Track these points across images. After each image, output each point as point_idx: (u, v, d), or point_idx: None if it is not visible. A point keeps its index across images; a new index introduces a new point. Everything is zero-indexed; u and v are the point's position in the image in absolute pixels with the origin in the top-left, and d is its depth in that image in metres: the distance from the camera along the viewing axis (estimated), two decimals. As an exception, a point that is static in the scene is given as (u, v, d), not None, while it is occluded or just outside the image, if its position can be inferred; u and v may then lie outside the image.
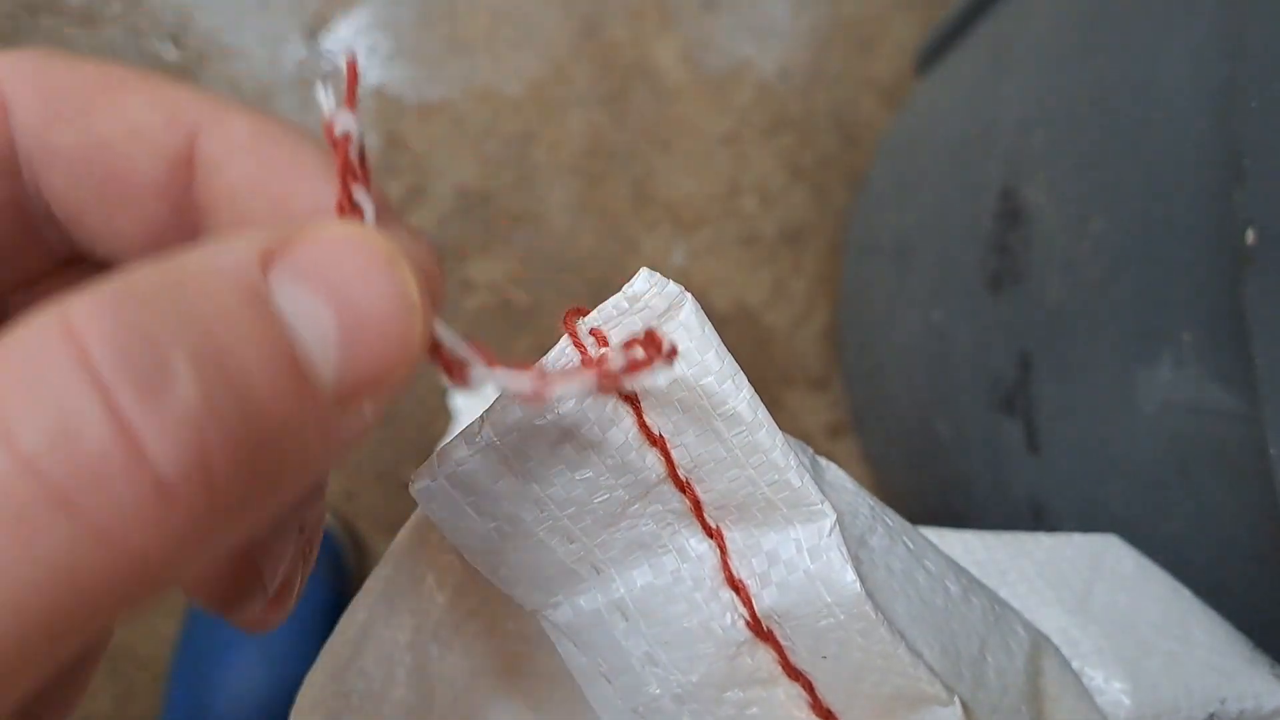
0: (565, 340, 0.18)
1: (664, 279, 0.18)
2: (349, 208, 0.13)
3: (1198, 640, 0.29)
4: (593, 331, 0.18)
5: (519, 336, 0.79)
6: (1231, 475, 0.31)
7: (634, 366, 0.15)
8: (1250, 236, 0.27)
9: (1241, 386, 0.30)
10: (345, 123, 0.13)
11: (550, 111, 0.80)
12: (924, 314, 0.55)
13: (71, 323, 0.10)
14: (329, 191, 0.14)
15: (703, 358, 0.18)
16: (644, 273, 0.18)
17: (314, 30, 0.79)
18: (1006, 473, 0.46)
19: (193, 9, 0.77)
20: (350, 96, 0.14)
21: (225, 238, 0.12)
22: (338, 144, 0.13)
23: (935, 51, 0.70)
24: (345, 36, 0.79)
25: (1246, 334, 0.28)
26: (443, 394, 0.79)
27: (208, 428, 0.10)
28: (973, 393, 0.48)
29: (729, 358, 0.18)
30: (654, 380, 0.16)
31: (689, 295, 0.18)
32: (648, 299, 0.18)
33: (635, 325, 0.18)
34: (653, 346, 0.16)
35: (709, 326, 0.18)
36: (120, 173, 0.14)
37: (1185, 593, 0.31)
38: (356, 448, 0.13)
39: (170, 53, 0.77)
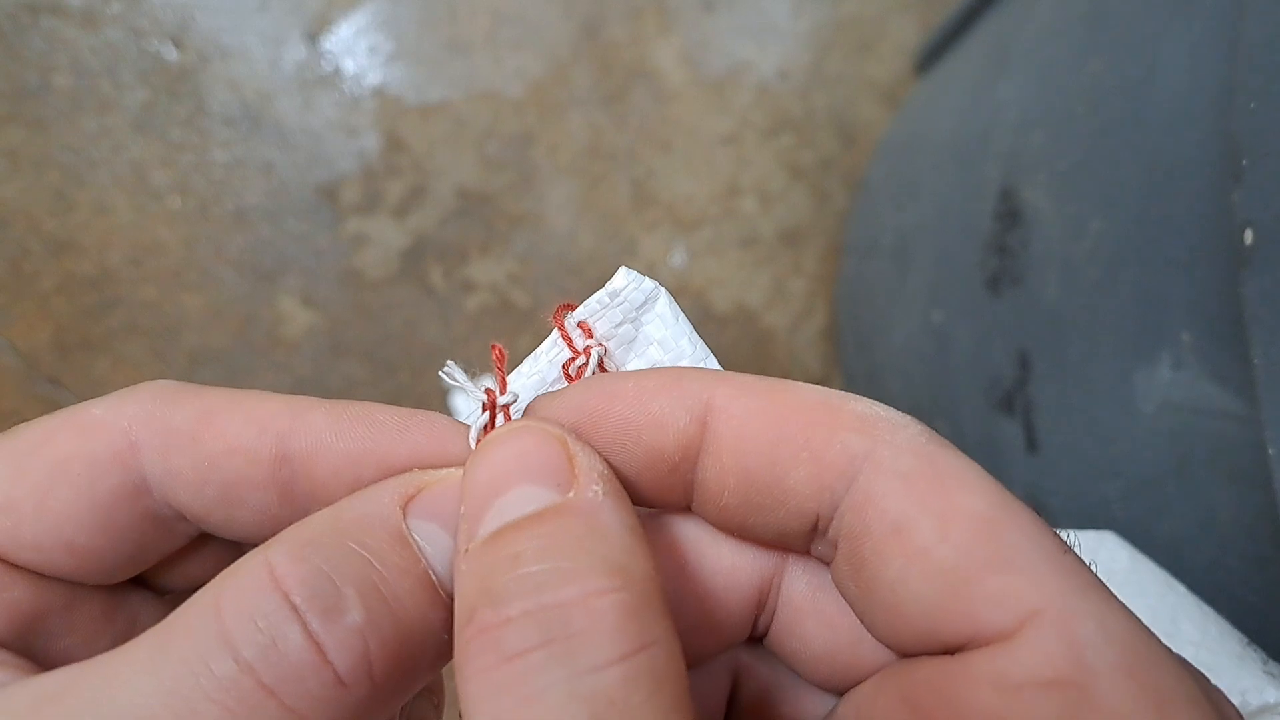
0: (555, 333, 0.20)
1: (640, 276, 0.20)
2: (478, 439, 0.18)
3: (1186, 635, 0.29)
4: (580, 324, 0.20)
5: (519, 336, 0.79)
6: (1230, 475, 0.31)
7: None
8: (1248, 236, 0.27)
9: (1240, 386, 0.30)
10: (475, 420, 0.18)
11: (550, 112, 0.80)
12: (923, 314, 0.55)
13: (274, 568, 0.15)
14: (395, 449, 0.18)
15: (677, 344, 0.20)
16: (622, 271, 0.20)
17: (314, 32, 0.79)
18: (1005, 472, 0.46)
19: (193, 10, 0.77)
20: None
21: (371, 488, 0.17)
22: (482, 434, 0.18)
23: (934, 52, 0.70)
24: (346, 37, 0.79)
25: (1245, 334, 0.28)
26: (443, 395, 0.79)
27: (370, 637, 0.15)
28: (972, 392, 0.48)
29: (700, 342, 0.21)
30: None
31: (663, 289, 0.20)
32: (626, 294, 0.20)
33: (616, 318, 0.20)
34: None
35: (682, 316, 0.21)
36: (229, 481, 0.18)
37: (1179, 588, 0.31)
38: None
39: (170, 53, 0.77)
